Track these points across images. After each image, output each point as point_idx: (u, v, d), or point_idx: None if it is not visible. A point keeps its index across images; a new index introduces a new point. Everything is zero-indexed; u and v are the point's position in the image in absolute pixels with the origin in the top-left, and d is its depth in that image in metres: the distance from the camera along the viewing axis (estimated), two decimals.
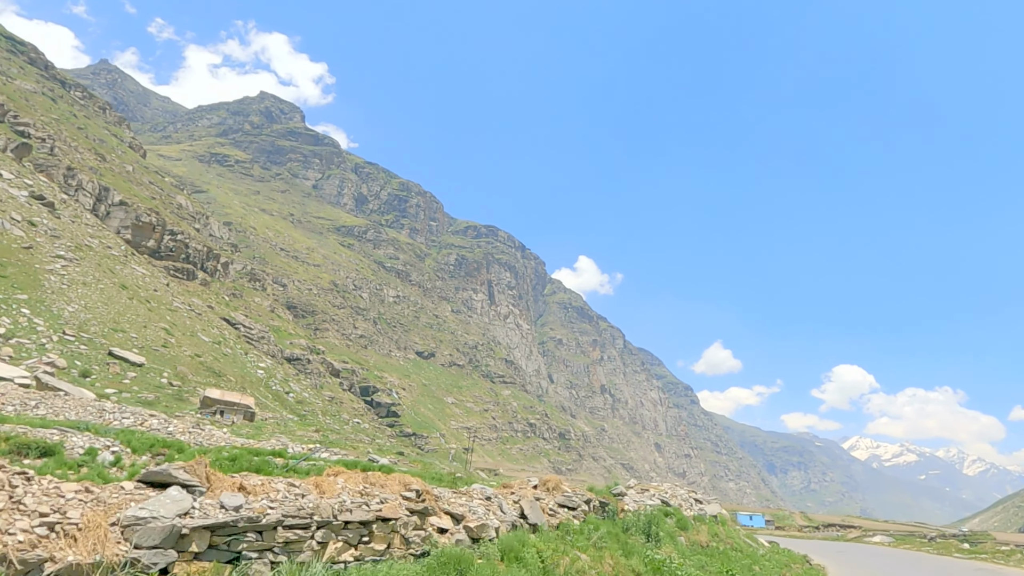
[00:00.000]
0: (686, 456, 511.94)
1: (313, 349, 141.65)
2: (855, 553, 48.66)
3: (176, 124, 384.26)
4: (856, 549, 51.90)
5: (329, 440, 46.55)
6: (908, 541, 57.17)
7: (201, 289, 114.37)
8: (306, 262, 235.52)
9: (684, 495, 30.32)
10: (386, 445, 62.51)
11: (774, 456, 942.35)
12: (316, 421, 63.42)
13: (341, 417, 78.32)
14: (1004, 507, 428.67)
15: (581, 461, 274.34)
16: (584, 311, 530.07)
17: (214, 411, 44.75)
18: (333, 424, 67.10)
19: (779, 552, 34.53)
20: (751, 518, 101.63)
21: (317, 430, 52.52)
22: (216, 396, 46.51)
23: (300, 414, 63.20)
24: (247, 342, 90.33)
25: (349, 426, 73.97)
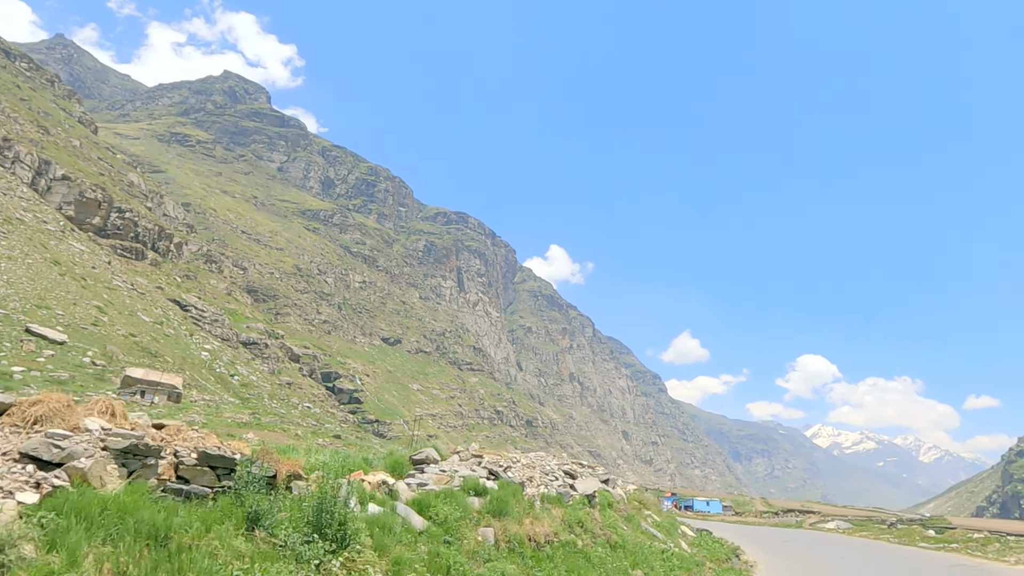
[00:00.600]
0: (653, 444, 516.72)
1: (272, 333, 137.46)
2: (806, 543, 43.02)
3: (135, 102, 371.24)
4: (809, 537, 47.81)
5: (259, 422, 43.66)
6: (866, 527, 55.94)
7: (151, 270, 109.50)
8: (269, 245, 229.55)
9: (552, 466, 22.84)
10: (335, 429, 59.62)
11: (739, 444, 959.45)
12: (260, 405, 60.37)
13: (290, 401, 75.20)
14: (957, 492, 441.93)
15: (548, 449, 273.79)
16: (554, 299, 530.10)
17: (134, 391, 41.48)
18: (280, 408, 64.05)
19: (704, 545, 29.71)
20: (708, 504, 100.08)
21: (253, 413, 49.60)
22: (138, 376, 43.21)
23: (243, 397, 60.11)
24: (195, 323, 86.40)
25: (298, 410, 71.01)
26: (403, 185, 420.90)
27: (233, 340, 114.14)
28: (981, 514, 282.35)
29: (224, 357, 71.92)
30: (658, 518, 30.23)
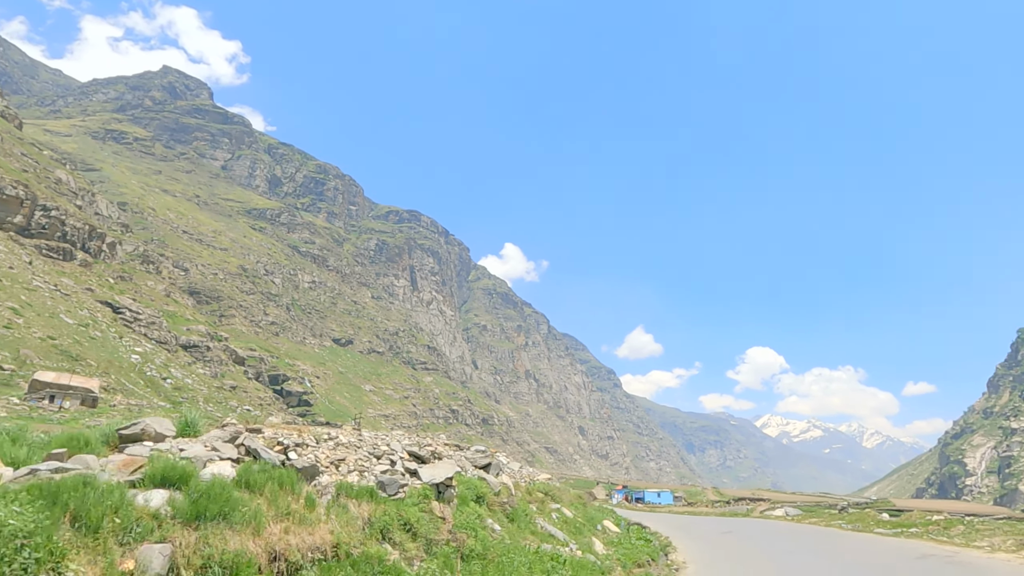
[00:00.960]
0: (609, 438, 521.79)
1: (215, 336, 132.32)
2: (751, 533, 38.36)
3: (67, 98, 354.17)
4: (756, 527, 43.38)
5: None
6: (816, 513, 56.20)
7: (80, 271, 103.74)
8: (212, 245, 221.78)
9: (395, 447, 16.50)
10: None
11: (693, 436, 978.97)
12: (192, 408, 57.30)
13: (228, 404, 71.93)
14: (899, 476, 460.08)
15: (505, 446, 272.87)
16: (509, 297, 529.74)
17: (43, 396, 38.40)
18: (216, 412, 60.97)
19: (626, 544, 25.97)
20: (659, 495, 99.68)
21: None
22: (48, 379, 39.99)
23: (175, 401, 56.92)
24: (125, 326, 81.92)
25: (238, 413, 67.88)
26: (353, 183, 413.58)
27: (171, 343, 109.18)
28: (921, 495, 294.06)
29: (157, 360, 68.15)
30: (569, 513, 26.24)
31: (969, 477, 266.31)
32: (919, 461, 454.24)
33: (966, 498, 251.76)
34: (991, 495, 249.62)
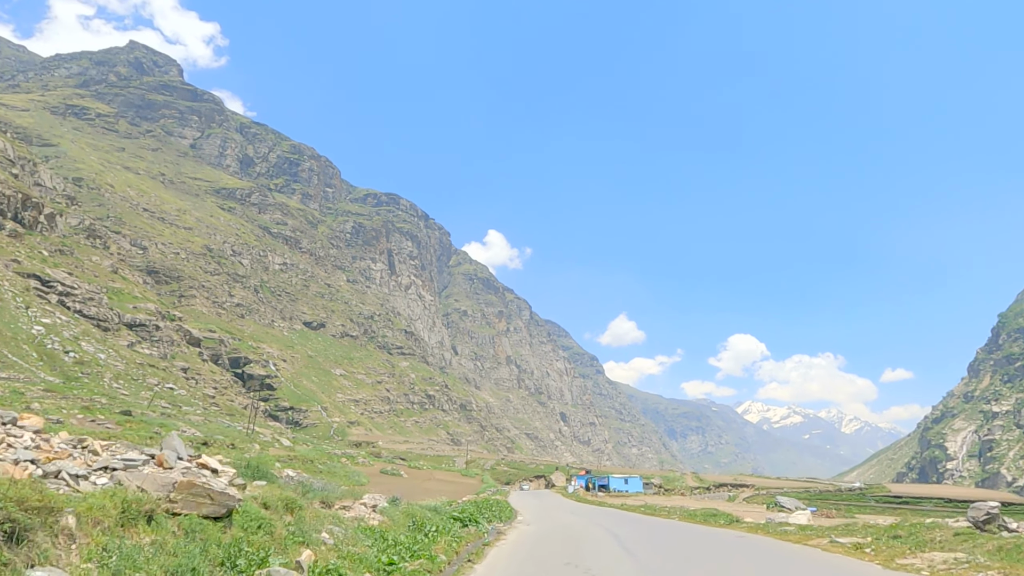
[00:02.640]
0: (591, 424, 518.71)
1: (166, 315, 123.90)
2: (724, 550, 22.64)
3: (28, 73, 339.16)
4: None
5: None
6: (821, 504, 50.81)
7: (9, 241, 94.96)
8: (175, 224, 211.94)
9: None
10: (188, 413, 49.66)
11: (674, 422, 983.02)
12: (92, 385, 50.02)
13: (146, 382, 64.47)
14: (878, 460, 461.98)
15: (483, 432, 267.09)
16: (490, 282, 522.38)
17: None
18: (123, 389, 53.67)
19: None
20: (626, 481, 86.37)
21: (64, 396, 39.74)
22: None
23: (72, 377, 49.66)
24: (40, 297, 73.88)
25: (156, 391, 60.58)
26: (330, 165, 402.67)
27: (112, 320, 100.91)
28: (901, 479, 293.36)
29: (65, 333, 60.62)
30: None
31: (950, 461, 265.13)
32: (898, 446, 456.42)
33: (947, 482, 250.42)
34: (972, 479, 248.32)
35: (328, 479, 21.94)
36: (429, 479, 59.61)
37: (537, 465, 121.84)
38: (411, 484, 48.98)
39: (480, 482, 68.49)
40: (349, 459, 56.66)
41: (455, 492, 50.38)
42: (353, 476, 37.60)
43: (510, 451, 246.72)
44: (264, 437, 49.72)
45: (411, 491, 38.87)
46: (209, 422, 43.78)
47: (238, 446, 37.54)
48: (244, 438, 39.79)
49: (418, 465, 73.86)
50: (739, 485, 71.54)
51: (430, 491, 45.05)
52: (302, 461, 39.62)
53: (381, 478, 49.06)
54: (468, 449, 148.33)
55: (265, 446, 43.49)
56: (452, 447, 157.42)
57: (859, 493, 55.39)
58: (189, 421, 42.97)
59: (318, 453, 51.75)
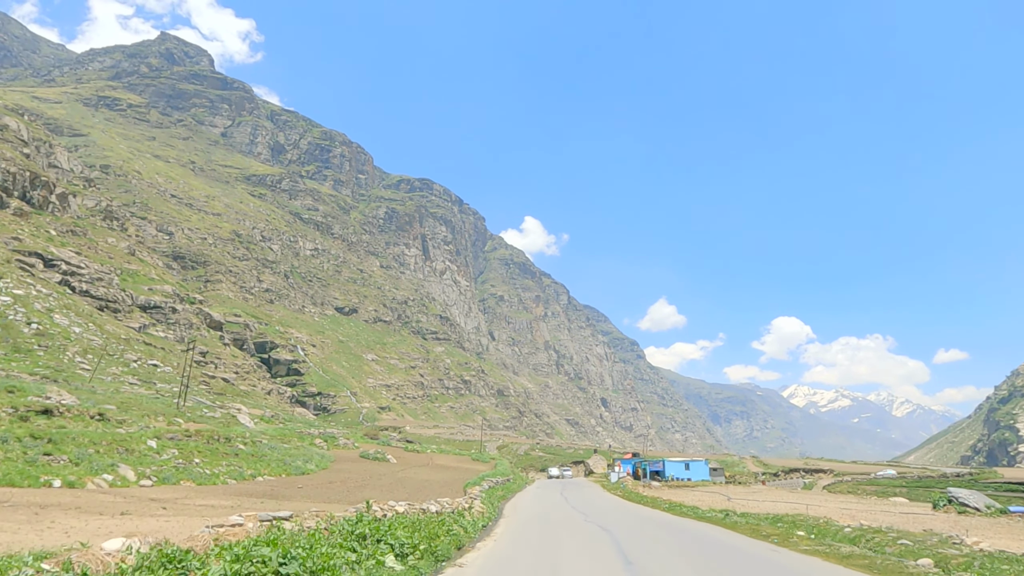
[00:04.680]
0: (632, 410, 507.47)
1: (185, 298, 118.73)
2: None
3: (63, 68, 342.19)
4: None
5: None
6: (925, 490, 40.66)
7: (12, 219, 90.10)
8: (203, 210, 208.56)
9: None
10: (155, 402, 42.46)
11: (718, 407, 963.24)
12: (46, 358, 43.39)
13: (123, 358, 57.86)
14: (938, 444, 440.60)
15: (521, 418, 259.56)
16: (527, 267, 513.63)
17: None
18: (84, 364, 46.89)
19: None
20: (687, 466, 70.36)
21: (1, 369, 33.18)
22: None
23: (25, 348, 43.17)
24: (24, 270, 68.04)
25: (133, 368, 53.95)
26: (362, 151, 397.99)
27: (124, 302, 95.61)
28: (967, 463, 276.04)
29: (37, 305, 54.55)
30: None
31: (1022, 443, 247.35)
32: (958, 428, 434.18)
33: (1020, 465, 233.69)
34: None
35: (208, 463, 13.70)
36: (425, 464, 48.98)
37: (575, 450, 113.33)
38: (377, 472, 39.49)
39: (492, 468, 55.21)
40: (329, 441, 49.10)
41: (432, 485, 37.75)
42: (297, 462, 29.68)
43: (549, 437, 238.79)
44: (211, 413, 41.50)
45: (361, 486, 29.73)
46: (159, 398, 36.69)
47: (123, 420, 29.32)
48: (169, 410, 32.24)
49: (420, 449, 62.29)
50: (814, 470, 61.81)
51: (399, 484, 35.14)
52: (239, 440, 31.65)
53: (351, 464, 39.78)
54: (502, 434, 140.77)
55: (201, 419, 35.34)
56: (487, 432, 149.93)
57: (969, 479, 45.37)
58: (101, 392, 35.69)
59: (285, 432, 44.24)
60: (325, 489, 27.13)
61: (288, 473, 28.90)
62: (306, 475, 30.17)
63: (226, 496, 22.14)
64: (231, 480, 25.39)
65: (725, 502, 38.53)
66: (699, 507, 33.75)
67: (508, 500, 40.02)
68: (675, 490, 53.34)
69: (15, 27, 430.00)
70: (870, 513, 30.37)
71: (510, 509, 32.15)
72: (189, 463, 25.06)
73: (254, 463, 28.43)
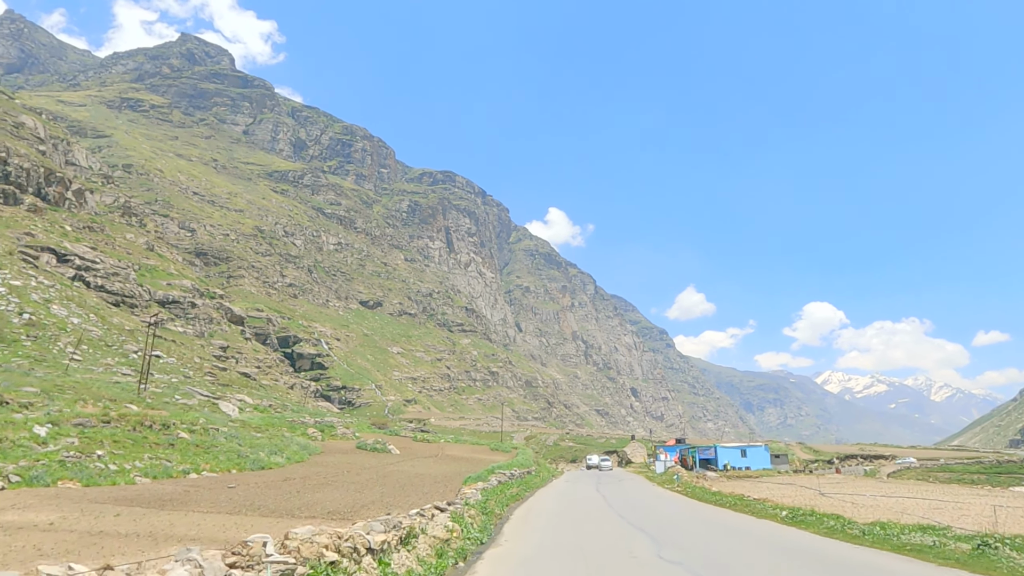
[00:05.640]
0: (663, 399, 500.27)
1: (205, 293, 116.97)
2: None
3: (87, 72, 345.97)
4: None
5: None
6: None
7: (25, 215, 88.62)
8: (225, 207, 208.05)
9: None
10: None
11: (750, 395, 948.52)
12: (34, 348, 40.79)
13: (123, 349, 55.33)
14: (982, 428, 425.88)
15: (551, 409, 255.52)
16: (552, 257, 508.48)
17: None
18: (76, 355, 44.19)
19: None
20: (744, 453, 60.48)
21: None
22: None
23: (12, 339, 40.55)
24: (27, 261, 66.04)
25: (134, 358, 51.46)
26: (383, 145, 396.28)
27: (141, 297, 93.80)
28: (1018, 447, 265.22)
29: (34, 296, 52.31)
30: None
31: None
32: (1005, 412, 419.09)
33: None
34: None
35: None
36: (434, 455, 41.82)
37: (607, 439, 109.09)
38: (363, 466, 32.25)
39: (511, 458, 47.55)
40: (326, 431, 45.48)
41: (423, 481, 29.48)
42: (259, 454, 25.26)
43: (579, 427, 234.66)
44: (186, 400, 37.67)
45: (324, 484, 24.12)
46: (119, 383, 33.51)
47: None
48: (123, 395, 28.77)
49: (431, 439, 56.69)
50: (873, 456, 56.76)
51: (378, 481, 27.32)
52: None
53: (339, 457, 35.51)
54: (530, 425, 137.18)
55: (146, 405, 31.45)
56: (515, 423, 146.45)
57: None
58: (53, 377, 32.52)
59: (272, 422, 40.53)
60: (267, 491, 21.24)
61: (241, 468, 24.31)
62: (267, 470, 25.48)
63: (87, 505, 15.92)
64: (144, 478, 20.69)
65: (818, 499, 30.43)
66: (816, 510, 24.07)
67: (522, 502, 30.22)
68: (738, 482, 43.97)
69: (43, 35, 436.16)
70: None
71: (518, 521, 23.03)
72: (87, 456, 20.18)
73: (195, 455, 24.49)
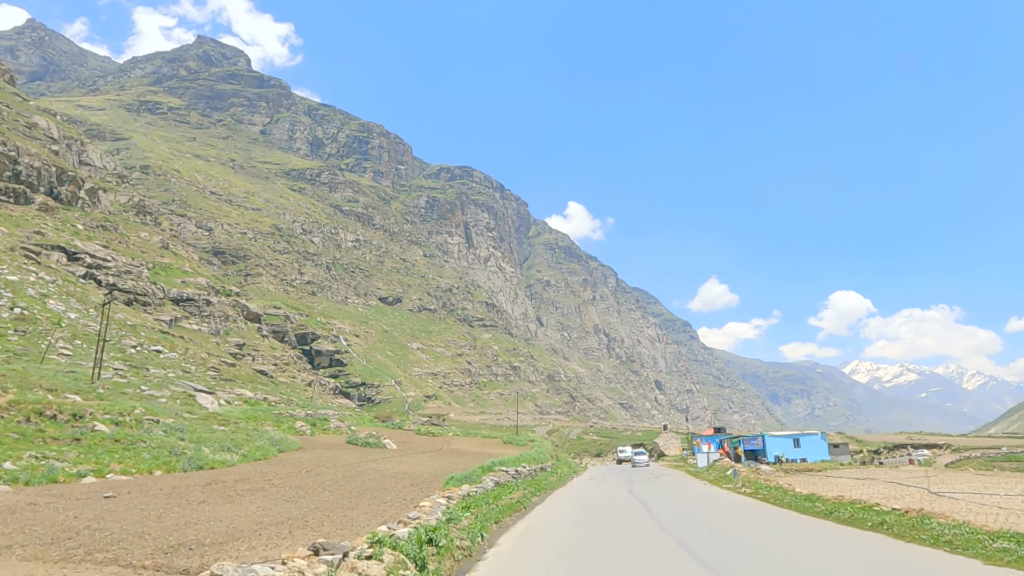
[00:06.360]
0: (688, 392, 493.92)
1: (221, 290, 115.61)
2: None
3: (107, 78, 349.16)
4: None
5: None
6: None
7: (35, 214, 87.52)
8: (243, 206, 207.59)
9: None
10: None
11: (776, 386, 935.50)
12: (24, 342, 38.76)
13: (122, 343, 53.39)
14: (1020, 415, 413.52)
15: (574, 403, 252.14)
16: (572, 251, 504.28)
17: None
18: (66, 349, 42.12)
19: None
20: (797, 443, 53.62)
21: None
22: None
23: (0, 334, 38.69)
24: (29, 257, 64.51)
25: (131, 353, 49.44)
26: (400, 142, 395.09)
27: (154, 295, 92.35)
28: None
29: (31, 291, 50.60)
30: None
31: None
32: None
33: None
34: None
35: None
36: (437, 449, 36.58)
37: (632, 432, 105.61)
38: (334, 463, 27.61)
39: (522, 452, 40.81)
40: (319, 424, 42.75)
41: (401, 482, 23.67)
42: (202, 451, 21.04)
43: (603, 421, 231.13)
44: (152, 391, 34.57)
45: (256, 490, 18.58)
46: (73, 372, 30.84)
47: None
48: (69, 385, 25.93)
49: (438, 432, 51.99)
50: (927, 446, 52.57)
51: (339, 484, 21.74)
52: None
53: (318, 453, 30.55)
54: (553, 419, 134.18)
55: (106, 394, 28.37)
56: (538, 418, 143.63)
57: None
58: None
59: (253, 415, 37.53)
60: (156, 501, 16.01)
61: (170, 468, 19.20)
62: (208, 469, 20.75)
63: None
64: (4, 486, 16.02)
65: (932, 500, 22.81)
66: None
67: (524, 514, 22.40)
68: (802, 477, 34.94)
69: (64, 43, 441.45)
70: None
71: (503, 557, 14.86)
72: None
73: (107, 453, 20.86)
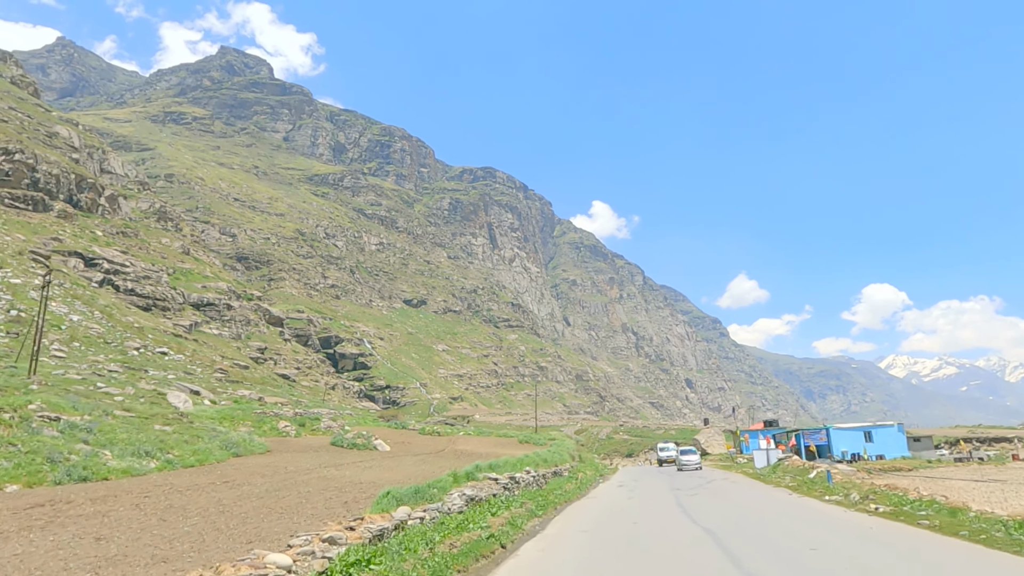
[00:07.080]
0: (720, 389, 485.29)
1: (242, 295, 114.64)
2: None
3: (133, 91, 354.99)
4: None
5: None
6: None
7: (55, 221, 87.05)
8: (266, 212, 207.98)
9: None
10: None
11: (811, 382, 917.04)
12: (16, 344, 36.97)
13: (124, 346, 51.54)
14: None
15: (603, 403, 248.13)
16: (598, 249, 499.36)
17: None
18: (62, 351, 40.24)
19: None
20: (868, 435, 46.52)
21: None
22: None
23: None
24: (36, 261, 63.43)
25: (139, 354, 47.59)
26: (423, 145, 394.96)
27: (174, 300, 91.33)
28: None
29: (32, 294, 49.18)
30: None
31: None
32: None
33: None
34: None
35: None
36: (439, 451, 32.15)
37: (665, 430, 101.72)
38: (281, 470, 22.50)
39: (536, 454, 34.16)
40: (309, 423, 40.12)
41: (340, 497, 18.14)
42: (102, 455, 17.44)
43: (633, 420, 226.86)
44: (122, 389, 31.52)
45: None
46: (15, 372, 28.50)
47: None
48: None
49: (445, 432, 47.20)
50: (995, 439, 47.85)
51: (251, 497, 16.41)
52: None
53: (285, 457, 26.52)
54: (581, 419, 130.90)
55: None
56: (567, 418, 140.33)
57: None
58: None
59: (232, 414, 34.90)
60: None
61: (39, 480, 14.28)
62: (99, 481, 15.96)
63: None
64: None
65: None
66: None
67: (494, 567, 12.37)
68: (909, 480, 28.86)
69: (93, 60, 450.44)
70: None
71: None
72: None
73: None
